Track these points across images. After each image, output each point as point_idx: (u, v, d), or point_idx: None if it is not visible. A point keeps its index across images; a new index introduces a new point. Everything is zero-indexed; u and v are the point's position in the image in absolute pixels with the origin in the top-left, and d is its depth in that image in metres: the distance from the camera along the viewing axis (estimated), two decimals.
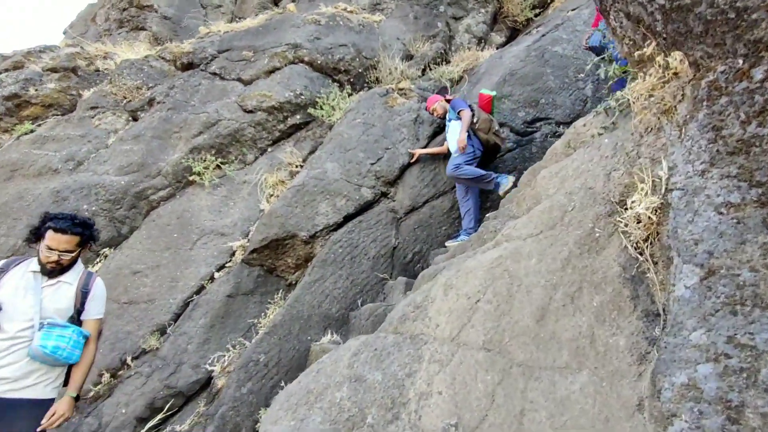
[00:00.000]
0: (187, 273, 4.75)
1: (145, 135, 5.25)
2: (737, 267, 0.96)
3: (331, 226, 4.81)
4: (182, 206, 5.11)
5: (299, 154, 5.51)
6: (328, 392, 1.25)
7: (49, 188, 4.73)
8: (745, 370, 0.85)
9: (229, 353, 4.41)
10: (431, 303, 1.46)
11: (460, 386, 1.17)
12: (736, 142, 1.08)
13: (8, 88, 5.50)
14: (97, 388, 4.16)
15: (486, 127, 4.76)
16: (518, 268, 1.41)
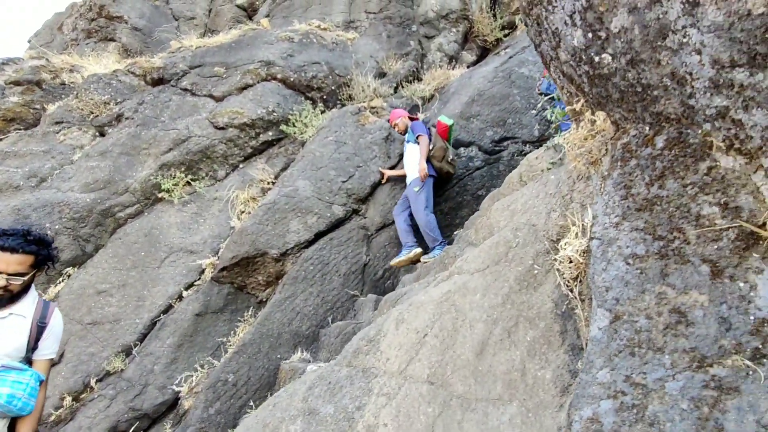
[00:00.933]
0: (155, 292, 4.71)
1: (113, 151, 5.19)
2: (636, 314, 1.10)
3: (302, 243, 4.86)
4: (150, 223, 5.06)
5: (271, 171, 5.56)
6: (282, 426, 1.33)
7: (9, 206, 4.61)
8: (635, 406, 0.98)
9: (197, 373, 4.38)
10: (383, 337, 1.55)
11: (404, 418, 1.27)
12: (642, 200, 1.23)
13: None
14: (59, 412, 4.06)
15: (440, 155, 4.84)
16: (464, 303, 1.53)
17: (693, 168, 1.14)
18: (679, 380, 0.98)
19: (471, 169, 5.32)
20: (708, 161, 1.11)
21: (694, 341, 1.01)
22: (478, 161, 5.40)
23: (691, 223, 1.14)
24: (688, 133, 1.14)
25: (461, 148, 5.49)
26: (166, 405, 4.25)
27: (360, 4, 7.54)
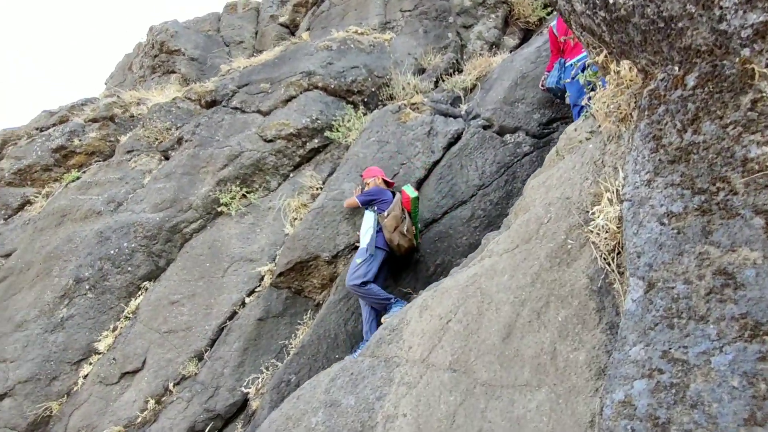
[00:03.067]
0: (221, 299, 4.99)
1: (176, 172, 5.62)
2: (673, 279, 0.94)
3: (352, 244, 4.90)
4: (213, 236, 5.40)
5: (319, 177, 5.69)
6: (305, 418, 1.32)
7: (93, 230, 5.15)
8: (674, 386, 0.84)
9: (262, 375, 4.57)
10: (406, 325, 1.49)
11: (424, 408, 1.20)
12: (675, 151, 1.06)
13: (56, 141, 6.09)
14: (144, 414, 4.42)
15: (392, 224, 4.34)
16: (490, 286, 1.43)
17: (733, 104, 0.96)
18: (728, 353, 0.82)
19: (519, 155, 5.06)
20: (751, 93, 0.93)
21: (744, 306, 0.84)
22: (526, 146, 5.13)
23: (736, 170, 0.96)
24: (723, 64, 0.97)
25: (507, 135, 5.26)
26: (237, 406, 4.47)
27: (394, 3, 7.53)
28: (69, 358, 4.63)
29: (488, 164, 5.15)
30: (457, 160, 5.32)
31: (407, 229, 4.47)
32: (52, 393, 4.47)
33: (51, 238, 5.23)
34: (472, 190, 5.13)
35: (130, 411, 4.37)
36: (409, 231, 4.51)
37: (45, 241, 5.23)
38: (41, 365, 4.52)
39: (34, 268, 5.03)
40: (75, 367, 4.62)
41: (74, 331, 4.71)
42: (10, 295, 4.91)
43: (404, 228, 4.45)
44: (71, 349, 4.65)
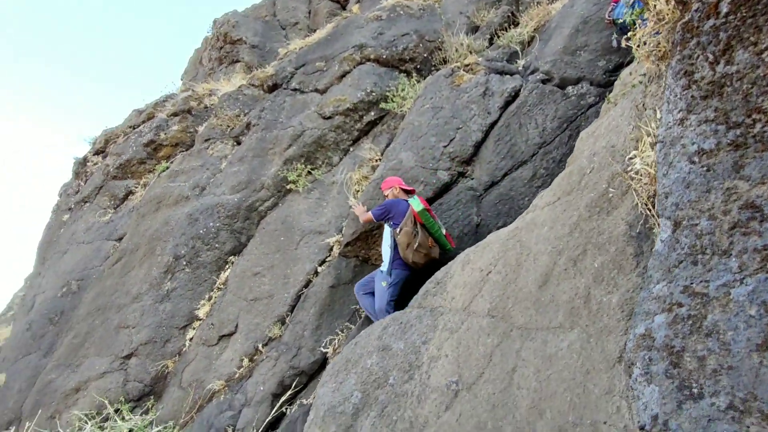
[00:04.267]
0: (296, 270, 5.43)
1: (247, 156, 6.08)
2: (697, 217, 0.94)
3: None
4: (284, 212, 5.82)
5: (377, 149, 5.84)
6: (361, 360, 1.49)
7: (184, 213, 5.81)
8: (691, 317, 0.86)
9: (338, 336, 4.96)
10: (450, 278, 1.59)
11: (464, 349, 1.30)
12: (708, 85, 1.02)
13: (146, 136, 6.86)
14: (240, 371, 5.03)
15: (404, 242, 4.13)
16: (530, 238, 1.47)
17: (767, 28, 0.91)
18: (748, 284, 0.83)
19: (583, 108, 4.77)
20: None
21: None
22: (590, 97, 4.81)
23: None
24: None
25: (569, 87, 4.96)
26: (318, 363, 4.91)
27: None
28: (176, 323, 5.37)
29: (549, 120, 4.93)
30: (515, 119, 5.15)
31: (420, 244, 4.15)
32: (167, 353, 5.24)
33: (151, 222, 5.99)
34: (533, 149, 4.97)
35: (229, 368, 5.00)
36: (423, 245, 4.18)
37: (147, 225, 6.01)
38: (156, 330, 5.30)
39: (142, 249, 5.83)
40: (182, 332, 5.35)
41: (178, 301, 5.43)
42: (126, 272, 5.76)
43: (416, 243, 4.14)
44: (177, 316, 5.38)
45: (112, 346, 5.28)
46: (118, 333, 5.34)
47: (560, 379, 1.11)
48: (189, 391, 5.00)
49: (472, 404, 1.13)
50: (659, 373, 0.86)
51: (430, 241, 4.31)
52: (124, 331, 5.34)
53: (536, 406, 1.11)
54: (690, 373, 0.82)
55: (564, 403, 1.08)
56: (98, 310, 5.58)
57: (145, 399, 5.12)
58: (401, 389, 1.26)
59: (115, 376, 5.15)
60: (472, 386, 1.17)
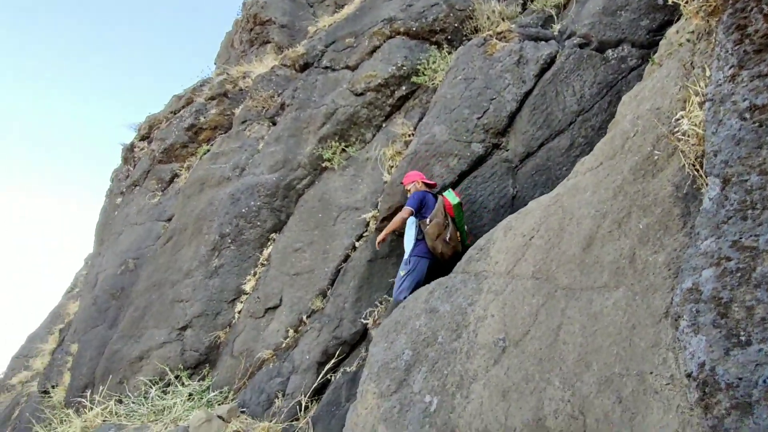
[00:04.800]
0: (334, 245, 5.61)
1: (283, 135, 6.24)
2: (747, 173, 0.95)
3: (447, 186, 5.05)
4: (321, 190, 5.98)
5: (410, 123, 5.84)
6: (410, 322, 1.59)
7: (226, 193, 6.08)
8: (740, 270, 0.88)
9: (377, 308, 5.13)
10: (493, 244, 1.64)
11: (509, 309, 1.37)
12: (761, 39, 1.01)
13: (187, 120, 7.13)
14: (287, 341, 5.31)
15: (434, 232, 4.19)
16: (572, 203, 1.49)
17: None
18: None
19: (624, 71, 4.58)
20: None
21: None
22: (632, 60, 4.61)
23: None
24: None
25: (609, 51, 4.75)
26: (359, 334, 5.11)
27: None
28: (225, 297, 5.70)
29: (587, 86, 4.77)
30: (551, 87, 5.01)
31: (450, 237, 4.22)
32: (218, 325, 5.59)
33: (197, 203, 6.31)
34: (570, 117, 4.84)
35: (276, 338, 5.29)
36: (453, 238, 4.25)
37: (193, 206, 6.33)
38: (207, 304, 5.65)
39: (189, 228, 6.17)
40: (231, 305, 5.69)
41: (226, 277, 5.75)
42: (177, 251, 6.13)
43: (447, 235, 4.20)
44: (226, 290, 5.71)
45: (169, 319, 5.68)
46: (173, 307, 5.74)
47: (606, 335, 1.17)
48: (240, 359, 5.34)
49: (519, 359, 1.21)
50: (706, 324, 0.90)
51: (458, 234, 4.41)
52: (178, 305, 5.72)
53: (583, 359, 1.17)
54: (737, 322, 0.86)
55: (610, 356, 1.14)
56: (154, 286, 5.99)
57: (201, 367, 5.52)
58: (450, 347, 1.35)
59: (174, 346, 5.56)
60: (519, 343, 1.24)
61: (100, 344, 6.02)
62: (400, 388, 1.36)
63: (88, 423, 4.99)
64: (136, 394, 5.25)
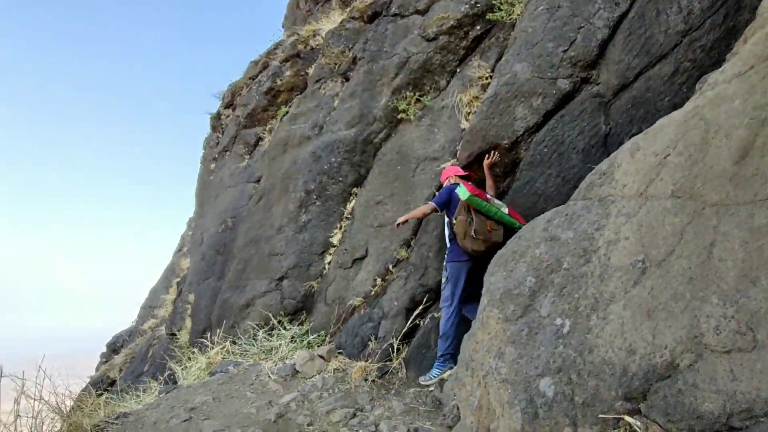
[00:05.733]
0: (415, 196, 5.69)
1: (357, 90, 6.27)
2: None
3: (531, 128, 4.83)
4: (398, 142, 6.01)
5: (487, 65, 5.57)
6: (529, 251, 1.61)
7: (308, 152, 6.34)
8: None
9: None
10: (617, 168, 1.56)
11: (647, 230, 1.31)
12: None
13: (265, 84, 7.42)
14: (375, 289, 5.61)
15: (461, 231, 4.07)
16: (717, 114, 1.37)
17: None
18: None
19: None
20: None
21: None
22: None
23: None
24: None
25: None
26: None
27: None
28: (315, 250, 6.10)
29: (697, 0, 4.17)
30: (651, 6, 4.46)
31: (477, 230, 4.08)
32: (311, 275, 6.04)
33: (281, 163, 6.67)
34: (675, 39, 4.31)
35: (365, 287, 5.61)
36: (480, 232, 4.09)
37: (278, 166, 6.71)
38: (299, 256, 6.10)
39: (277, 187, 6.58)
40: (320, 257, 6.08)
41: (314, 231, 6.12)
42: (268, 209, 6.61)
43: (472, 231, 4.08)
44: (315, 244, 6.09)
45: (268, 271, 6.24)
46: (270, 260, 6.27)
47: None
48: (333, 306, 5.76)
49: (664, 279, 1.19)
50: None
51: (489, 224, 4.20)
52: (274, 258, 6.24)
53: (746, 275, 1.13)
54: None
55: None
56: (251, 241, 6.56)
57: (299, 313, 6.06)
58: (578, 271, 1.36)
59: (273, 295, 6.13)
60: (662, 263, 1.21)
61: (212, 294, 6.81)
62: (526, 312, 1.41)
63: (210, 359, 5.76)
64: (246, 336, 5.92)
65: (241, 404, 4.21)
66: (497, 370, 1.43)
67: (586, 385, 1.15)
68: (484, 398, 1.54)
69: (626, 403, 1.10)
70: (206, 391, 4.51)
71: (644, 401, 1.06)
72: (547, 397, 1.23)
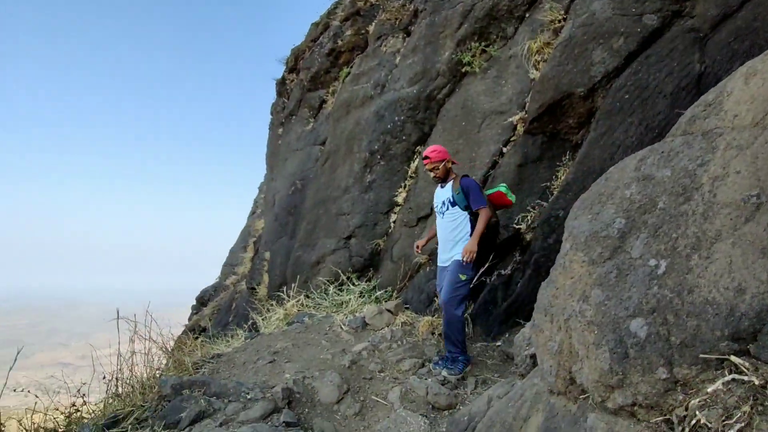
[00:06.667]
0: (480, 153, 5.54)
1: (419, 45, 6.09)
2: None
3: (611, 72, 4.46)
4: (462, 97, 5.82)
5: (559, 6, 5.13)
6: (617, 192, 1.51)
7: (371, 111, 6.34)
8: None
9: (530, 213, 5.05)
10: (727, 97, 1.39)
11: (763, 163, 1.17)
12: None
13: (326, 46, 7.42)
14: None
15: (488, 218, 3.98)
16: None
17: None
18: None
19: None
20: None
21: None
22: None
23: None
24: None
25: None
26: (512, 239, 5.17)
27: None
28: (380, 209, 6.22)
29: None
30: None
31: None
32: (377, 234, 6.20)
33: (345, 125, 6.75)
34: None
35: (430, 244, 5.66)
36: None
37: (342, 127, 6.80)
38: (365, 216, 6.25)
39: (342, 149, 6.71)
40: (386, 216, 6.20)
41: (379, 191, 6.22)
42: (334, 170, 6.79)
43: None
44: (380, 203, 6.20)
45: (336, 230, 6.49)
46: (337, 219, 6.50)
47: None
48: (399, 263, 5.90)
49: None
50: None
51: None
52: (341, 218, 6.46)
53: None
54: None
55: None
56: (319, 202, 6.83)
57: (366, 270, 6.28)
58: (676, 211, 1.27)
59: (342, 253, 6.40)
60: None
61: (285, 252, 7.25)
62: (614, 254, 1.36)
63: (287, 311, 6.20)
64: (318, 290, 6.28)
65: (318, 351, 4.54)
66: (581, 313, 1.41)
67: (685, 326, 1.11)
68: (565, 342, 1.54)
69: (732, 343, 1.04)
70: (286, 339, 4.90)
71: (754, 342, 1.00)
72: (638, 338, 1.20)
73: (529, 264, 4.78)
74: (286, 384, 3.46)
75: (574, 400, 1.51)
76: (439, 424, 3.37)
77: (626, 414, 1.27)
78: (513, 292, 4.90)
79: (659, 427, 1.20)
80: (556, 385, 1.60)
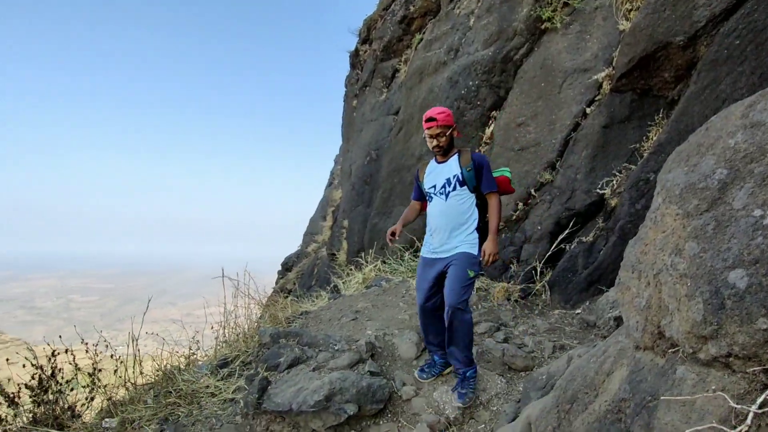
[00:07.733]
0: (561, 115, 5.28)
1: (495, 3, 5.84)
2: None
3: (718, 16, 3.98)
4: (542, 56, 5.53)
5: None
6: (719, 142, 1.42)
7: (444, 78, 6.26)
8: None
9: (616, 177, 4.77)
10: None
11: None
12: None
13: (398, 14, 7.37)
14: (517, 213, 5.57)
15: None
16: None
17: None
18: None
19: None
20: None
21: None
22: None
23: None
24: None
25: None
26: (594, 205, 4.94)
27: None
28: None
29: None
30: None
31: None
32: None
33: (418, 93, 6.75)
34: None
35: (506, 211, 5.59)
36: None
37: (415, 96, 6.81)
38: None
39: (415, 118, 6.74)
40: None
41: None
42: (407, 139, 6.86)
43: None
44: None
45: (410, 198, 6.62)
46: (412, 187, 6.62)
47: None
48: None
49: None
50: None
51: None
52: None
53: None
54: None
55: None
56: (394, 171, 6.98)
57: None
58: None
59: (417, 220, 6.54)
60: None
61: (363, 219, 7.58)
62: (713, 206, 1.32)
63: (365, 275, 6.54)
64: (394, 257, 6.52)
65: (395, 312, 4.79)
66: (674, 266, 1.39)
67: None
68: (654, 297, 1.53)
69: None
70: (365, 300, 5.22)
71: None
72: (737, 288, 1.18)
73: (613, 231, 4.56)
74: (368, 339, 3.74)
75: (662, 354, 1.51)
76: (515, 383, 3.45)
77: (720, 365, 1.27)
78: (594, 260, 4.73)
79: (756, 377, 1.18)
80: (642, 340, 1.61)
